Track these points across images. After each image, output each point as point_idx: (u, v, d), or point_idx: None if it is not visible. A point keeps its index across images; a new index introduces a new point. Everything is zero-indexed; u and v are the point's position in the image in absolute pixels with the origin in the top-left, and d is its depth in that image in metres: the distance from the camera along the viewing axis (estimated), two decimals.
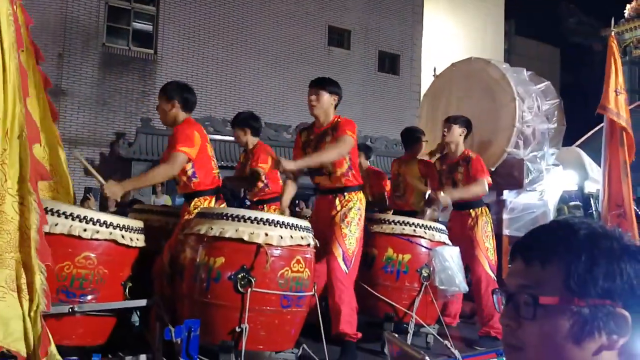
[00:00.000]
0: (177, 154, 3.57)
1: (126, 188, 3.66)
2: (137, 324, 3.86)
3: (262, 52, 17.21)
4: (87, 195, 11.25)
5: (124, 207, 8.31)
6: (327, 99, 3.92)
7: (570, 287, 0.89)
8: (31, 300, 2.49)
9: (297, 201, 12.68)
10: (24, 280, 2.49)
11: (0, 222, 2.46)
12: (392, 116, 19.03)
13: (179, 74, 14.70)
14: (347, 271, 3.75)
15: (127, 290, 3.35)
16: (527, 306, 0.91)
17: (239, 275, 3.09)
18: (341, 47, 19.02)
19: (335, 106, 4.01)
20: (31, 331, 2.47)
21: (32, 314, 2.47)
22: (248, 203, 6.07)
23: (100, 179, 3.53)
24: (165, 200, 11.92)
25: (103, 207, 10.04)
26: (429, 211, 4.78)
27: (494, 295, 1.06)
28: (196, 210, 3.68)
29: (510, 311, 0.95)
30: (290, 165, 3.65)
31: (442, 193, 4.46)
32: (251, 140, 4.89)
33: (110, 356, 3.30)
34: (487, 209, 4.87)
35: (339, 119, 3.94)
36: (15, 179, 2.49)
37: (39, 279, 2.51)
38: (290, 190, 4.25)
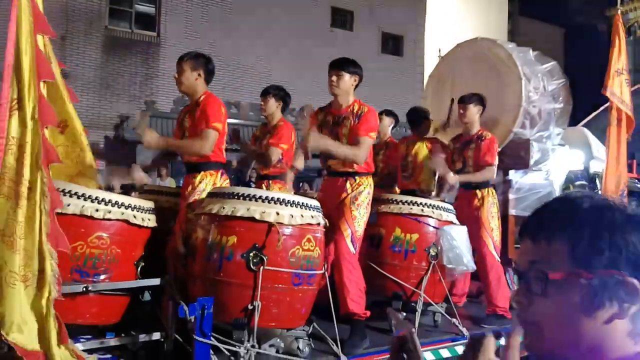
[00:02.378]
0: (210, 132, 3.60)
1: (161, 144, 3.81)
2: (149, 299, 3.91)
3: (265, 34, 17.12)
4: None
5: (127, 190, 8.32)
6: (347, 79, 3.93)
7: (576, 260, 0.91)
8: (41, 288, 2.52)
9: (300, 183, 12.70)
10: (30, 269, 2.52)
11: (20, 206, 2.49)
12: (396, 97, 18.96)
13: None
14: (354, 252, 3.79)
15: (139, 270, 3.40)
16: (537, 282, 0.94)
17: (251, 254, 3.13)
18: (344, 28, 18.94)
19: (356, 87, 4.01)
20: (35, 321, 2.50)
21: (43, 301, 2.50)
22: (253, 185, 6.07)
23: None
24: (169, 182, 11.96)
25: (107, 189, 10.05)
26: (436, 193, 4.83)
27: (507, 273, 1.09)
28: (201, 184, 3.70)
29: (522, 289, 0.98)
30: (315, 141, 3.68)
31: (451, 174, 4.51)
32: (278, 115, 4.80)
33: (123, 335, 3.34)
34: (493, 189, 4.91)
35: (364, 107, 3.93)
36: (28, 163, 2.51)
37: (50, 265, 2.53)
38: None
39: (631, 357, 0.91)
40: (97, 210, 3.17)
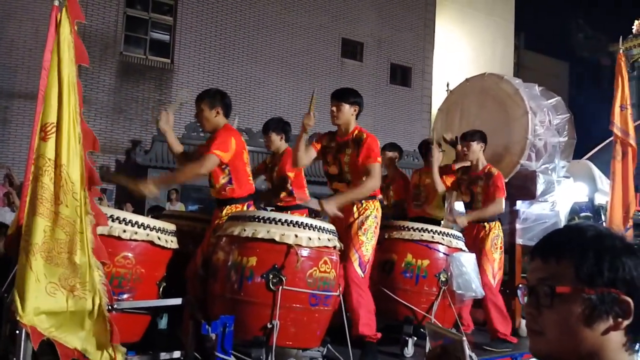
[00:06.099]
0: (210, 156, 3.75)
1: (159, 187, 3.87)
2: (163, 326, 4.03)
3: (276, 63, 17.44)
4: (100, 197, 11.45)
5: (141, 213, 8.47)
6: (347, 110, 4.08)
7: (581, 278, 1.07)
8: (91, 296, 2.68)
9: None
10: (79, 280, 2.67)
11: (61, 224, 2.66)
12: (403, 127, 19.24)
13: (195, 83, 14.96)
14: (362, 275, 3.90)
15: (161, 290, 3.51)
16: (545, 296, 1.09)
17: (271, 274, 3.25)
18: (354, 59, 19.23)
19: (357, 115, 4.15)
20: (90, 326, 2.66)
21: (95, 309, 2.66)
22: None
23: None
24: (179, 207, 12.09)
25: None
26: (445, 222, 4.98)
27: (518, 290, 1.23)
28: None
29: (532, 301, 1.13)
30: (331, 207, 3.78)
31: (460, 217, 4.71)
32: (283, 146, 4.97)
33: (144, 353, 3.42)
34: (499, 223, 5.05)
35: (363, 133, 4.07)
36: (78, 182, 2.68)
37: (97, 276, 2.70)
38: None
39: None
40: (124, 231, 3.30)
